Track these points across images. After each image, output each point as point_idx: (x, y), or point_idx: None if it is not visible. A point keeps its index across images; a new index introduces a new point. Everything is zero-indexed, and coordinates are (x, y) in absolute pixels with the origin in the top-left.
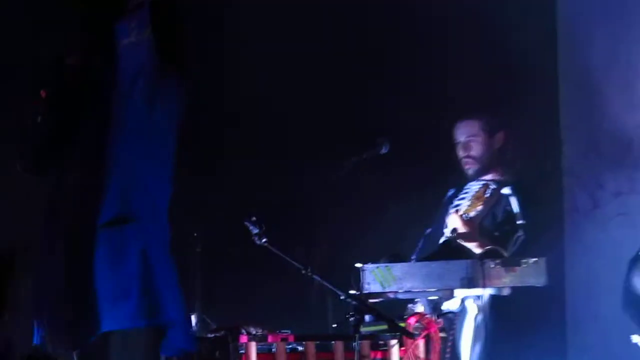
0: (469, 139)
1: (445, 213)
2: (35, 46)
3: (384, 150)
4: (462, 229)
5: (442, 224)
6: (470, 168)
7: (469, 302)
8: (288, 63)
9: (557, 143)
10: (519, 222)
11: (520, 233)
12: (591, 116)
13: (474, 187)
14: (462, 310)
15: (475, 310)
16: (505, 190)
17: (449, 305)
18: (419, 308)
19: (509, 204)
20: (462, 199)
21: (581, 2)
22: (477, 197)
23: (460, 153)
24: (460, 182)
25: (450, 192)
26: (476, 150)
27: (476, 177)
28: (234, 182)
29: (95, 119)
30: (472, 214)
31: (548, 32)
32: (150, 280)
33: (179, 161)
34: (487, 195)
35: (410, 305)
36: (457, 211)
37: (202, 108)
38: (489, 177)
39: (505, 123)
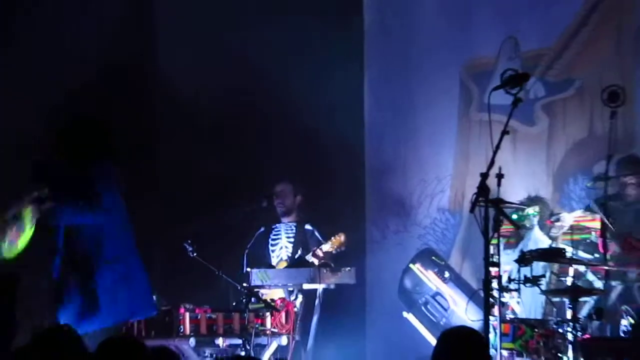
0: (282, 193)
1: (259, 242)
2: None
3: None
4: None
5: (258, 248)
6: (280, 210)
7: (311, 292)
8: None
9: (362, 201)
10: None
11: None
12: (385, 187)
13: (282, 227)
14: (307, 296)
15: (315, 297)
16: (308, 227)
17: (300, 294)
18: (282, 294)
19: (314, 235)
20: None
21: (379, 107)
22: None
23: (276, 202)
24: (267, 222)
25: (262, 229)
26: (286, 201)
27: (283, 217)
28: (177, 213)
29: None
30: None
31: (356, 123)
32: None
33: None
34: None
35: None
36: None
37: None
38: (290, 218)
39: (312, 186)
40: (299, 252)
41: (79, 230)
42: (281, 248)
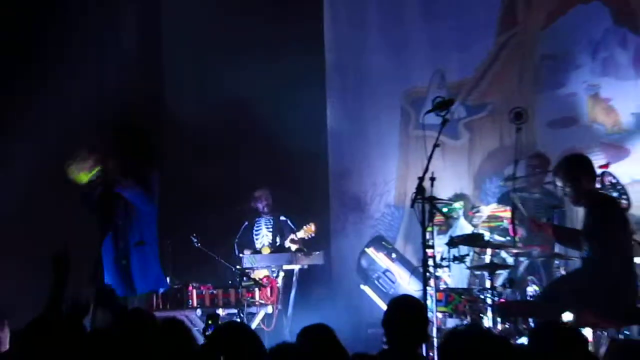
0: (263, 196)
1: (245, 233)
2: None
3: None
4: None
5: (244, 238)
6: (264, 209)
7: (289, 271)
8: None
9: (327, 199)
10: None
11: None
12: (345, 187)
13: (263, 220)
14: (287, 275)
15: (293, 275)
16: (282, 218)
17: (281, 273)
18: (267, 274)
19: (288, 224)
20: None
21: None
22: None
23: (259, 203)
24: (250, 218)
25: (246, 224)
26: (267, 202)
27: (264, 213)
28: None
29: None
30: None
31: (321, 138)
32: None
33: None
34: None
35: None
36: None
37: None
38: (269, 213)
39: (286, 187)
40: (277, 238)
41: (131, 212)
42: (263, 237)
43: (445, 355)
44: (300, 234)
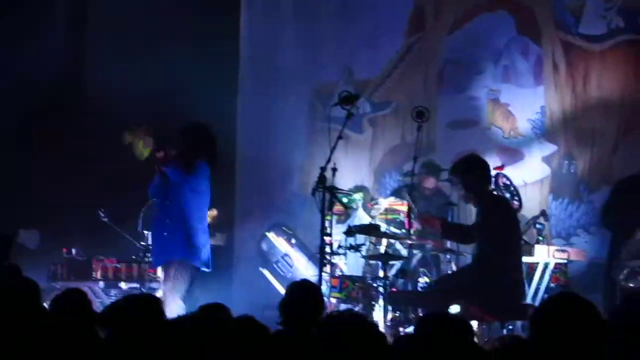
0: None
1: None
2: None
3: None
4: None
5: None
6: None
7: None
8: None
9: (233, 184)
10: None
11: None
12: (251, 174)
13: None
14: None
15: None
16: None
17: None
18: None
19: None
20: None
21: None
22: None
23: None
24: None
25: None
26: None
27: None
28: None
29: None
30: None
31: (231, 125)
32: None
33: None
34: None
35: None
36: None
37: None
38: None
39: None
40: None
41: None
42: None
43: (321, 336)
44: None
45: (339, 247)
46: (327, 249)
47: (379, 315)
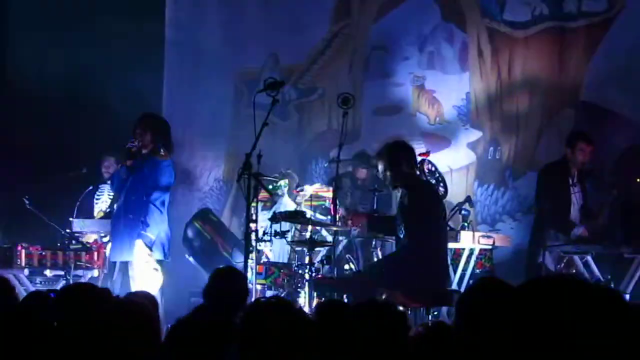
0: (109, 164)
1: (87, 197)
2: None
3: (84, 171)
4: None
5: (85, 202)
6: (107, 177)
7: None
8: None
9: None
10: None
11: None
12: (175, 160)
13: (106, 187)
14: None
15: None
16: None
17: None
18: (96, 238)
19: None
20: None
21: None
22: None
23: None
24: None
25: (90, 188)
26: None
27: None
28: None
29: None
30: None
31: (154, 107)
32: None
33: None
34: None
35: None
36: None
37: None
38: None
39: None
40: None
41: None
42: (102, 202)
43: (247, 322)
44: None
45: (265, 233)
46: (253, 236)
47: (305, 301)
